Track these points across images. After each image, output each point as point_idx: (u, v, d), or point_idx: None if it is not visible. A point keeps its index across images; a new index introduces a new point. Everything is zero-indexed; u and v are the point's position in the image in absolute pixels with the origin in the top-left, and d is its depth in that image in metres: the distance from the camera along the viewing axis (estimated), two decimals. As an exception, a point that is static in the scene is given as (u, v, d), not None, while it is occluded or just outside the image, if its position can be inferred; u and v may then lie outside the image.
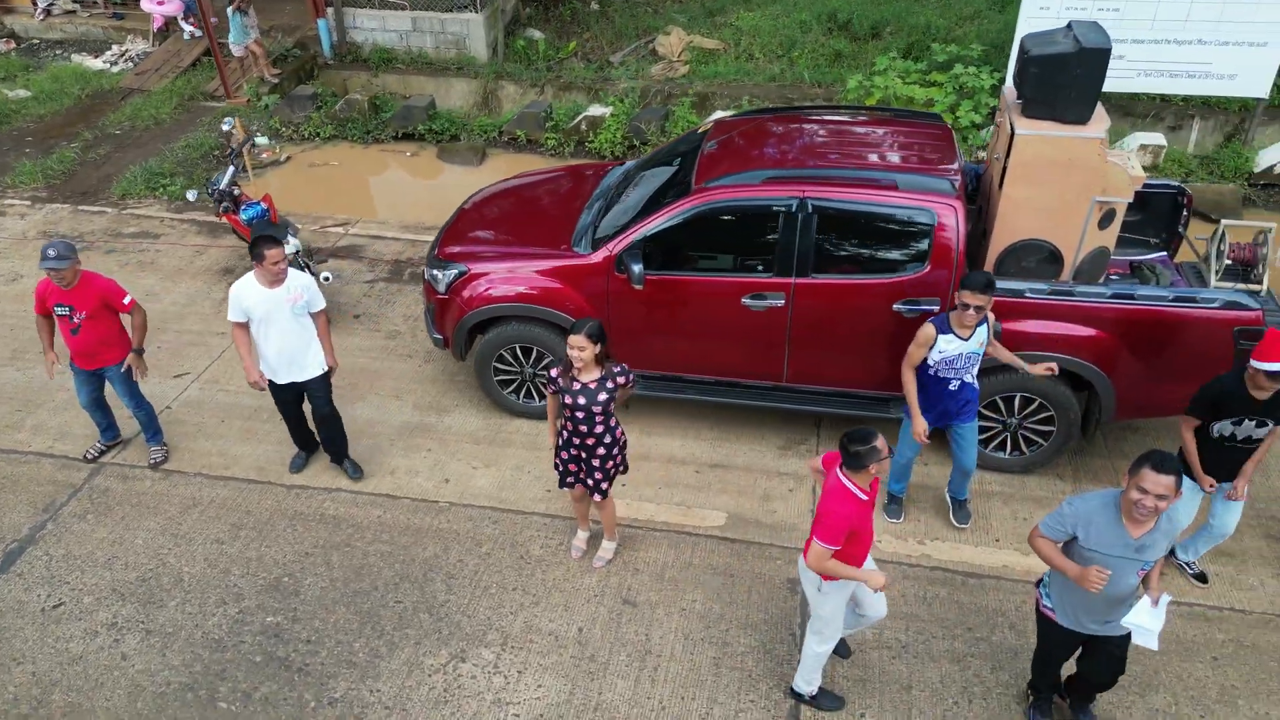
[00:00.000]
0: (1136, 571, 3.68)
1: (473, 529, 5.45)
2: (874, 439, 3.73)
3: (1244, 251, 6.16)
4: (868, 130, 5.94)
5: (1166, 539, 3.67)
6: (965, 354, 4.80)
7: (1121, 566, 3.64)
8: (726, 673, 4.63)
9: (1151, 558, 3.66)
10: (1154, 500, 3.45)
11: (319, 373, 5.49)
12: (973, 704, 4.47)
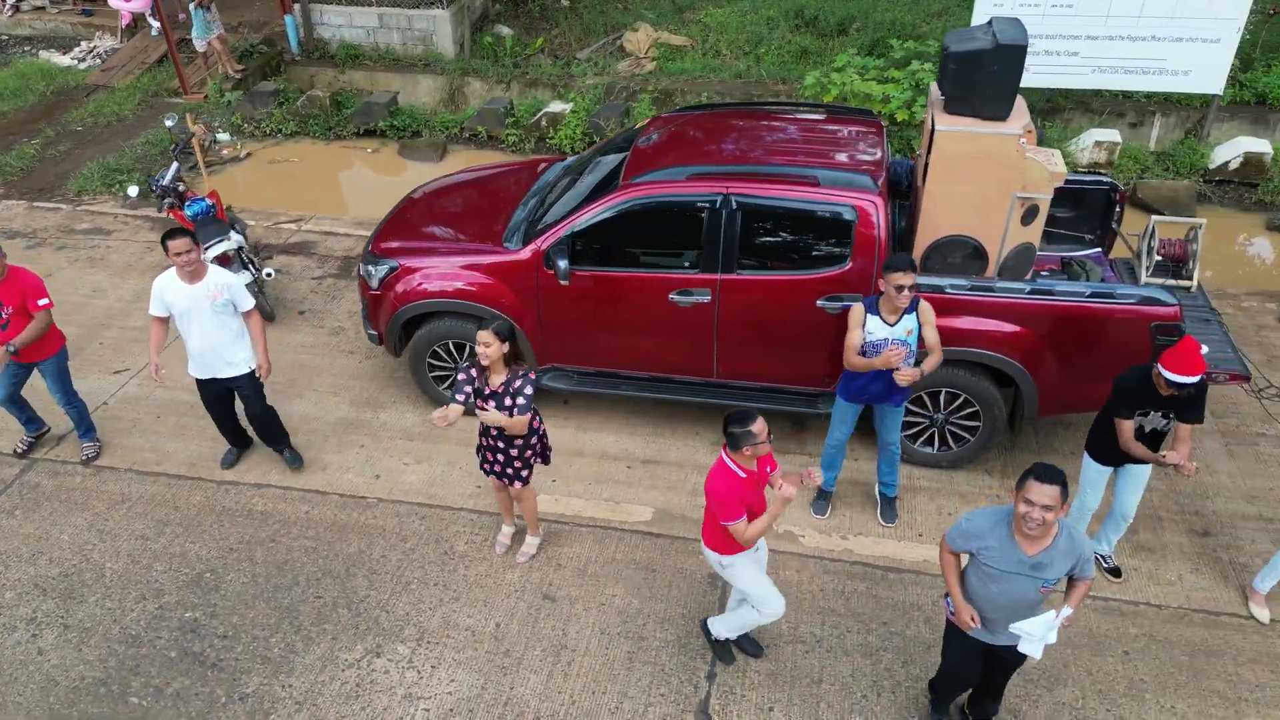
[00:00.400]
0: (1037, 589, 3.59)
1: (399, 525, 5.46)
2: (750, 422, 3.80)
3: (1174, 248, 6.20)
4: (798, 127, 5.95)
5: (1067, 558, 3.57)
6: (889, 340, 4.82)
7: (1018, 584, 3.57)
8: (640, 667, 4.65)
9: (1051, 576, 3.57)
10: (1041, 512, 3.38)
11: (245, 371, 5.50)
12: (881, 697, 4.50)
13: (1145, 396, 4.40)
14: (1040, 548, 3.54)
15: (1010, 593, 3.60)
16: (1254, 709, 4.40)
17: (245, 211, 9.12)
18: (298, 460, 5.88)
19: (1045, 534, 3.52)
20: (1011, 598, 3.61)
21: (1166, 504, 5.55)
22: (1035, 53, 9.33)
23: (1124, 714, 4.40)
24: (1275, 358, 6.73)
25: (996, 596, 3.64)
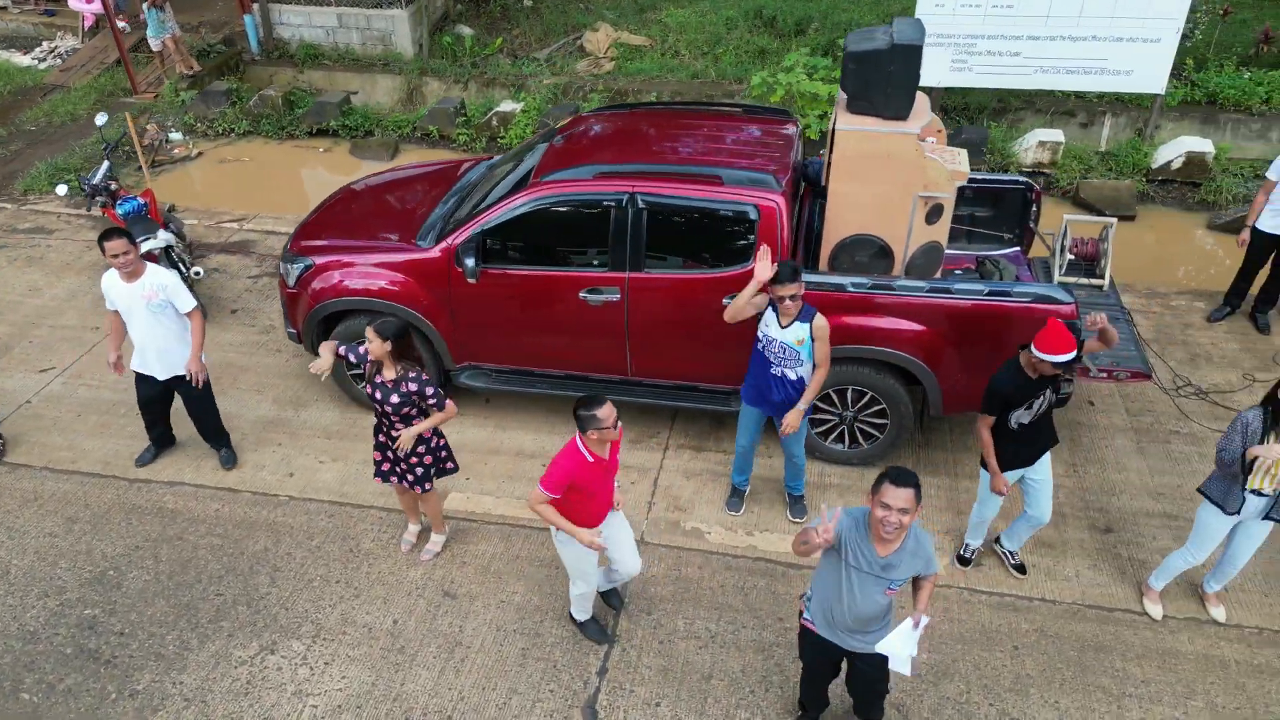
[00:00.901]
0: (884, 591, 3.60)
1: (307, 522, 5.48)
2: (596, 407, 3.92)
3: (1087, 247, 6.25)
4: (712, 127, 5.97)
5: (915, 559, 3.60)
6: (780, 343, 4.85)
7: (868, 583, 3.59)
8: (532, 663, 4.67)
9: (897, 577, 3.59)
10: (898, 515, 3.40)
11: (181, 371, 5.50)
12: (769, 692, 4.53)
13: (1024, 391, 4.45)
14: (891, 549, 3.56)
15: (860, 592, 3.60)
16: (1137, 704, 4.44)
17: (189, 210, 9.14)
18: (232, 460, 5.89)
19: (898, 537, 3.54)
20: (860, 598, 3.61)
21: (1072, 500, 5.58)
22: (978, 53, 9.43)
23: (1007, 708, 4.43)
24: (1198, 356, 6.77)
25: (845, 595, 3.63)
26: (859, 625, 3.70)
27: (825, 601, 3.74)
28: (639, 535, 5.40)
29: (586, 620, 4.78)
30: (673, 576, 5.16)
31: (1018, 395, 4.44)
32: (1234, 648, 4.69)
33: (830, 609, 3.72)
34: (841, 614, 3.68)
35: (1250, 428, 4.20)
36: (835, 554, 3.63)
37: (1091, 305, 6.00)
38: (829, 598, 3.70)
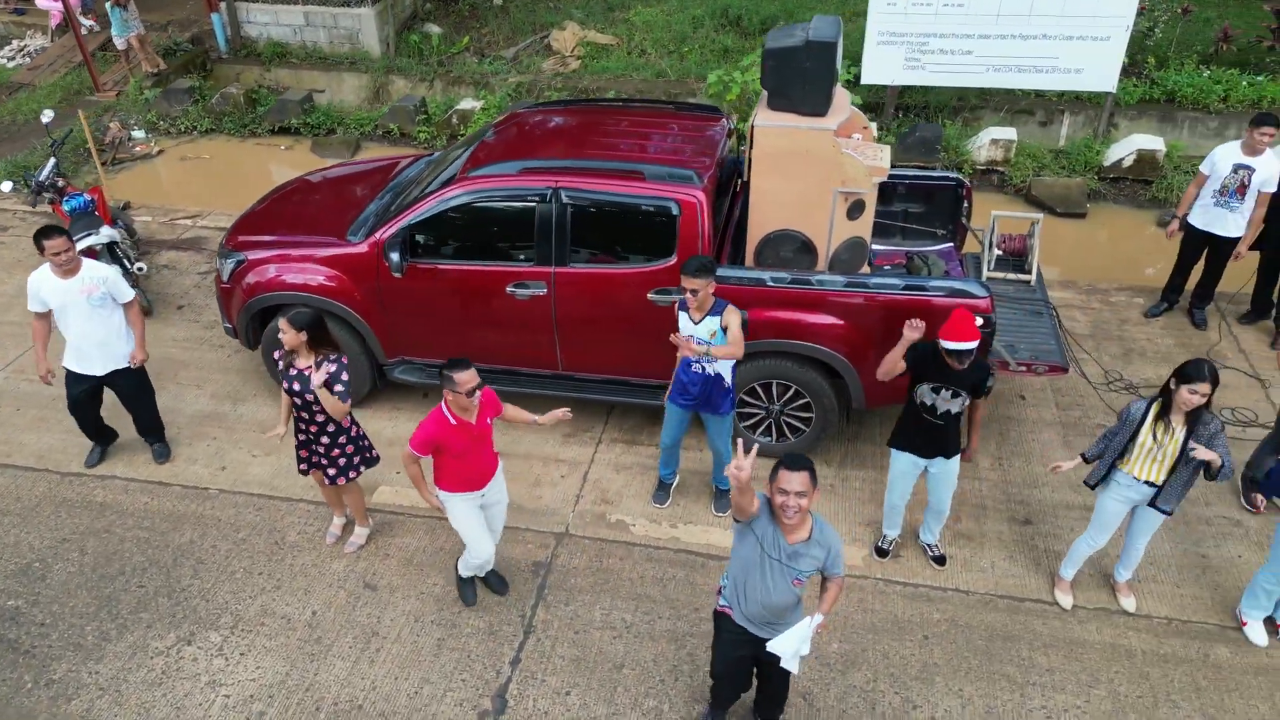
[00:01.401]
0: (791, 581, 3.63)
1: (235, 515, 5.53)
2: (456, 369, 4.11)
3: (1014, 243, 6.30)
4: (641, 123, 6.02)
5: (819, 549, 3.61)
6: (695, 338, 4.89)
7: (777, 571, 3.62)
8: (447, 653, 4.72)
9: (803, 568, 3.61)
10: (795, 499, 3.43)
11: (118, 366, 5.54)
12: (678, 681, 4.57)
13: (934, 369, 4.51)
14: (799, 538, 3.60)
15: (771, 580, 3.63)
16: (1039, 692, 4.49)
17: (145, 207, 9.18)
18: (165, 454, 5.93)
19: (802, 523, 3.58)
20: (772, 587, 3.64)
21: (994, 494, 5.64)
22: (930, 51, 9.49)
23: (911, 696, 4.48)
24: (1132, 351, 6.83)
25: (760, 584, 3.66)
26: (771, 615, 3.73)
27: (738, 589, 3.77)
28: (564, 528, 5.47)
29: (464, 579, 5.00)
30: (594, 568, 5.20)
31: (930, 366, 4.52)
32: (1141, 637, 4.75)
33: (743, 596, 3.75)
34: (754, 600, 3.71)
35: (1130, 417, 4.27)
36: (751, 540, 3.66)
37: (1019, 300, 6.07)
38: (743, 584, 3.74)
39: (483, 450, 4.43)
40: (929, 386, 4.56)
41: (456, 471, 4.40)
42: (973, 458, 4.88)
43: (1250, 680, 4.52)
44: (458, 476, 4.42)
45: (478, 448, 4.39)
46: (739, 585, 3.74)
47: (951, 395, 4.53)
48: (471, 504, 4.52)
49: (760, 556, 3.62)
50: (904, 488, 4.93)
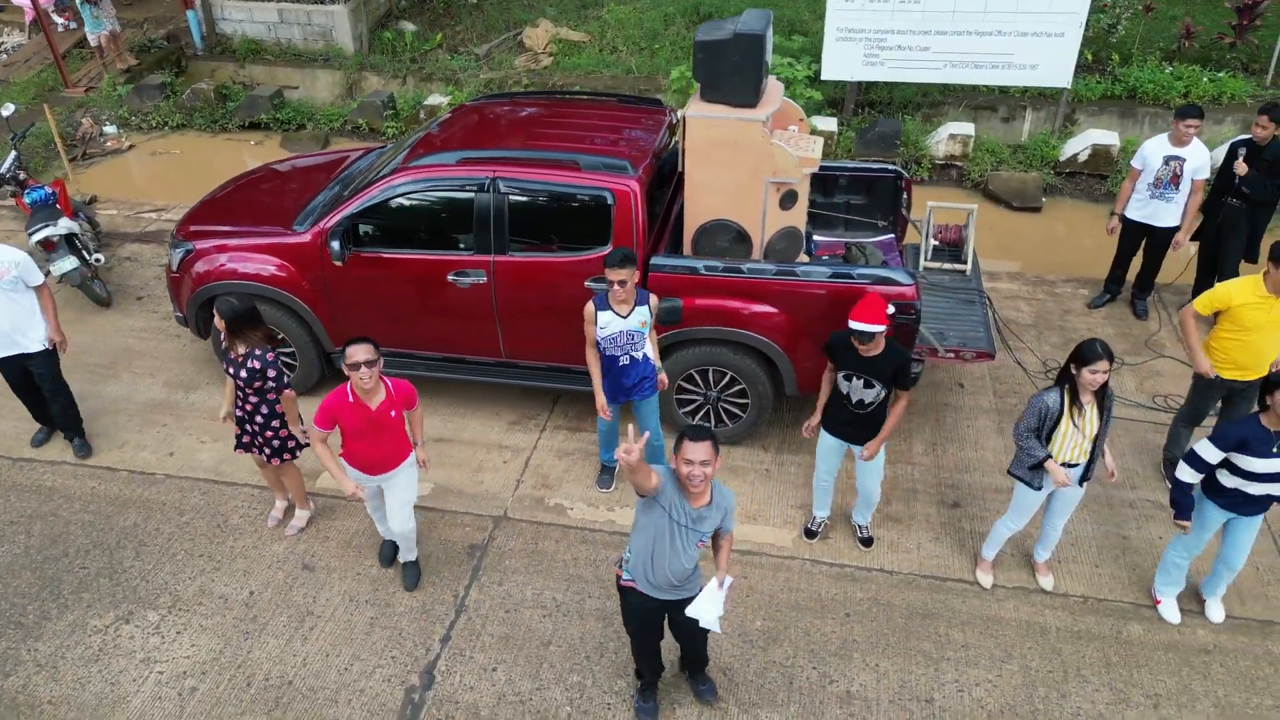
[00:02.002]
0: (696, 543, 3.79)
1: (180, 499, 5.63)
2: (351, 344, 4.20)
3: (949, 233, 6.41)
4: (583, 115, 6.15)
5: (718, 511, 3.79)
6: (626, 331, 4.99)
7: (683, 534, 3.75)
8: (379, 632, 4.83)
9: (705, 530, 3.78)
10: (700, 468, 3.57)
11: (39, 348, 5.64)
12: (603, 658, 4.68)
13: (846, 357, 4.64)
14: (702, 503, 3.75)
15: (680, 545, 3.77)
16: (953, 667, 4.60)
17: (113, 201, 9.29)
18: (86, 450, 5.98)
19: (705, 489, 3.73)
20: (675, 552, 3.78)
21: (926, 478, 5.75)
22: (889, 48, 9.60)
23: (829, 671, 4.60)
24: (1072, 340, 6.91)
25: (669, 552, 3.78)
26: (679, 579, 3.87)
27: (645, 560, 3.89)
28: (503, 511, 5.57)
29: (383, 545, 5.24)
30: (530, 550, 5.31)
31: (843, 353, 4.65)
32: (1057, 615, 4.86)
33: (650, 566, 3.87)
34: (662, 568, 3.84)
35: (1049, 412, 4.38)
36: (658, 511, 3.77)
37: (953, 289, 6.19)
38: (650, 556, 3.85)
39: (381, 439, 4.51)
40: (843, 374, 4.68)
41: (353, 452, 4.56)
42: (873, 453, 4.86)
43: (1160, 656, 4.64)
44: (353, 458, 4.58)
45: (375, 435, 4.46)
46: (646, 556, 3.86)
47: (864, 385, 4.65)
48: (363, 483, 4.67)
49: (669, 524, 3.76)
50: (828, 465, 5.04)
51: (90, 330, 7.18)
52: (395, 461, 4.64)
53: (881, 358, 4.57)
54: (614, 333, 4.96)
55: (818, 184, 6.62)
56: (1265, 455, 4.19)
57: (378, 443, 4.50)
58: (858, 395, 4.68)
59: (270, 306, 6.04)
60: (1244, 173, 6.48)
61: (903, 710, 4.41)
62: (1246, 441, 4.19)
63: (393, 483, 4.70)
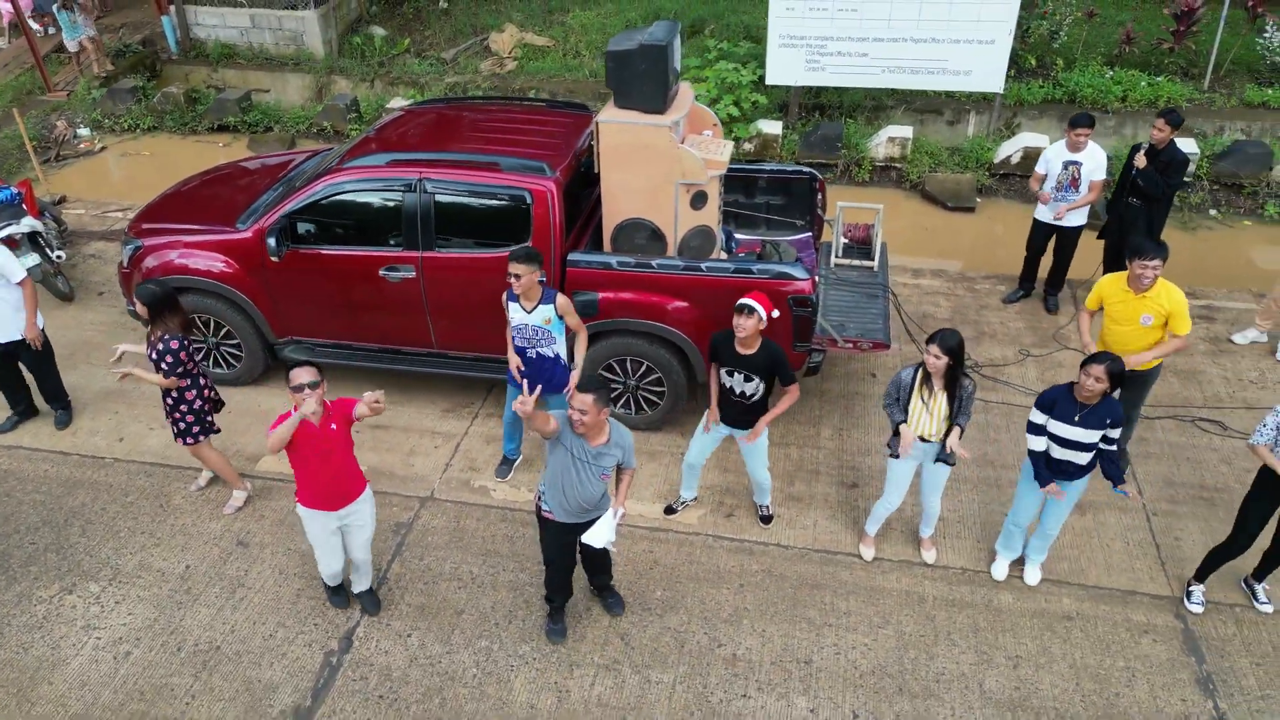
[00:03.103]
0: (599, 476, 4.36)
1: (127, 481, 5.99)
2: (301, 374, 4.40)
3: (859, 231, 6.77)
4: (511, 120, 6.50)
5: (617, 448, 4.37)
6: (530, 325, 5.35)
7: (587, 470, 4.33)
8: (305, 602, 5.18)
9: (606, 464, 4.36)
10: (578, 415, 4.15)
11: (18, 337, 6.03)
12: (511, 625, 5.04)
13: (726, 353, 5.01)
14: (599, 442, 4.31)
15: (583, 478, 4.32)
16: (834, 632, 4.96)
17: (82, 201, 9.65)
18: (66, 420, 6.42)
19: (601, 430, 4.29)
20: (584, 483, 4.33)
21: (829, 460, 6.12)
22: (829, 54, 9.98)
23: (719, 636, 4.95)
24: (984, 334, 7.31)
25: (576, 483, 4.33)
26: (588, 505, 4.45)
27: (558, 491, 4.43)
28: (430, 492, 5.93)
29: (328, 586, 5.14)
30: (452, 528, 5.67)
31: (724, 350, 5.02)
32: (935, 585, 5.23)
33: (563, 495, 4.42)
34: (574, 497, 4.41)
35: (902, 385, 4.76)
36: (562, 451, 4.33)
37: (860, 284, 6.55)
38: (561, 488, 4.40)
39: (333, 463, 4.54)
40: (725, 370, 5.06)
41: (307, 482, 4.57)
42: (753, 440, 5.22)
43: (1025, 622, 5.00)
44: (310, 489, 4.60)
45: (326, 457, 4.50)
46: (558, 488, 4.42)
47: (744, 379, 5.02)
48: (322, 523, 4.69)
49: (571, 461, 4.33)
50: (700, 446, 5.43)
51: (52, 323, 7.47)
52: (354, 491, 4.71)
53: (758, 355, 4.94)
54: (519, 324, 5.32)
55: (739, 185, 6.99)
56: (1068, 421, 4.60)
57: (328, 464, 4.53)
58: (740, 388, 5.05)
59: (215, 300, 6.41)
60: (1142, 165, 6.84)
61: (782, 670, 4.77)
62: (1055, 403, 4.62)
63: (355, 518, 4.76)
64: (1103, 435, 4.66)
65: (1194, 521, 5.55)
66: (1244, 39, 11.22)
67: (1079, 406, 4.61)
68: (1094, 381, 4.48)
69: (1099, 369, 4.47)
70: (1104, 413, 4.61)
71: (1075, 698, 4.60)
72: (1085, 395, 4.55)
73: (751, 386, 5.02)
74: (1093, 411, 4.60)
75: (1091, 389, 4.50)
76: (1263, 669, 4.70)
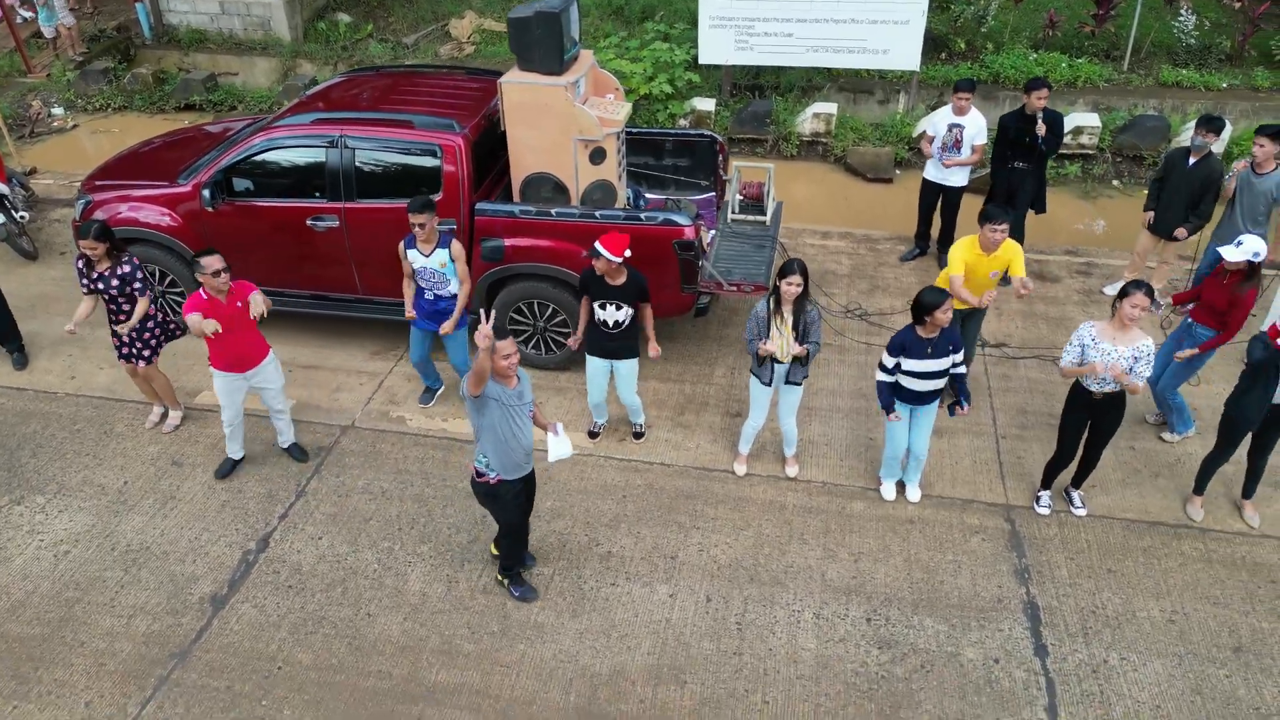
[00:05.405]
0: (528, 414, 4.67)
1: (75, 412, 6.56)
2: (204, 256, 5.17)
3: (752, 189, 7.34)
4: (432, 85, 7.08)
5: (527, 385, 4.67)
6: (429, 269, 5.93)
7: (518, 413, 4.61)
8: (229, 511, 5.75)
9: (529, 399, 4.66)
10: (504, 360, 4.41)
11: None
12: (413, 530, 5.61)
13: (596, 287, 5.58)
14: (514, 384, 4.61)
15: (520, 424, 4.61)
16: (700, 534, 5.54)
17: (51, 173, 10.24)
18: (23, 363, 6.99)
19: (512, 374, 4.59)
20: (522, 429, 4.62)
21: (719, 394, 6.69)
22: (756, 34, 10.54)
23: (597, 537, 5.53)
24: (878, 288, 7.89)
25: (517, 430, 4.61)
26: (529, 450, 4.72)
27: (502, 447, 4.64)
28: (351, 422, 6.50)
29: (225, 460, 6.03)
30: (369, 451, 6.24)
31: (594, 284, 5.58)
32: (797, 496, 5.80)
33: (506, 454, 4.66)
34: (516, 449, 4.65)
35: (759, 316, 5.32)
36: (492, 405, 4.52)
37: (752, 236, 7.12)
38: (504, 440, 4.61)
39: (240, 332, 5.48)
40: (597, 303, 5.62)
41: (218, 350, 5.49)
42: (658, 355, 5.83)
43: (870, 525, 5.58)
44: (220, 356, 5.50)
45: (233, 327, 5.43)
46: (500, 449, 4.62)
47: (616, 308, 5.59)
48: (229, 381, 5.59)
49: (504, 410, 4.55)
50: (598, 384, 5.99)
51: (15, 279, 8.09)
52: (257, 356, 5.63)
53: (628, 285, 5.51)
54: (418, 268, 5.90)
55: (649, 148, 7.56)
56: (920, 357, 5.16)
57: (238, 336, 5.45)
58: (613, 318, 5.62)
59: (159, 250, 6.98)
60: (1043, 132, 7.38)
61: (650, 564, 5.35)
62: (905, 346, 5.16)
63: (262, 379, 5.68)
64: (951, 361, 5.24)
65: (1038, 444, 6.13)
66: (1162, 22, 11.83)
67: (927, 342, 5.17)
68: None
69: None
70: (947, 341, 5.19)
71: (904, 585, 5.18)
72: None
73: (623, 314, 5.59)
74: (938, 343, 5.17)
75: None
76: (1075, 563, 5.29)
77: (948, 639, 4.87)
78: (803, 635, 4.91)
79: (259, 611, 5.10)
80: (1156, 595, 5.07)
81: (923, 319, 5.07)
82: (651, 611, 5.07)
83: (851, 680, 4.68)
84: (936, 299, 5.01)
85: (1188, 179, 6.90)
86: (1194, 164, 6.85)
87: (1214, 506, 5.65)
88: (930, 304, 5.00)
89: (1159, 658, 4.74)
